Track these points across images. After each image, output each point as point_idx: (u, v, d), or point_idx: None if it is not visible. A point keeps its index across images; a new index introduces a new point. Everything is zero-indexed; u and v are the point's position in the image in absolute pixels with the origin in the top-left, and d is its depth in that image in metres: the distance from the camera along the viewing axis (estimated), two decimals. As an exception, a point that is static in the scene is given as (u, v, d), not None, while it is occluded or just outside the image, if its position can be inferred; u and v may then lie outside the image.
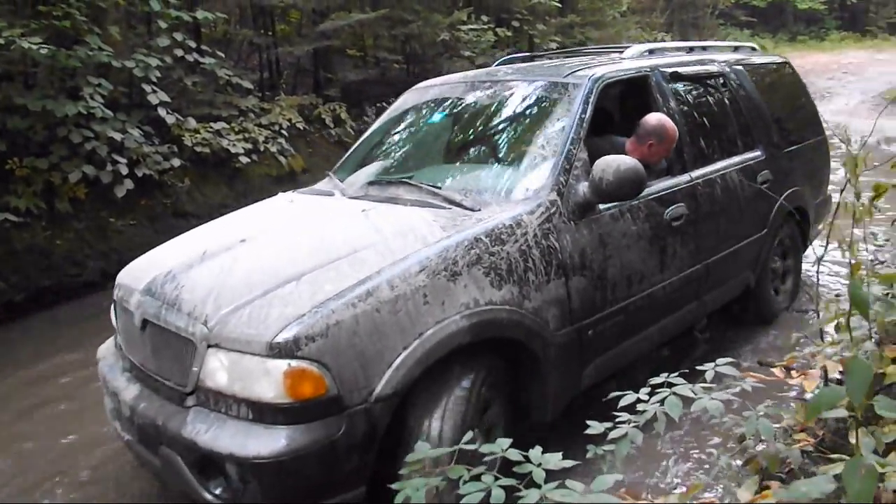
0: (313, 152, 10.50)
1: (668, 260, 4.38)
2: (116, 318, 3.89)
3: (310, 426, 2.90)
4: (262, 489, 2.90)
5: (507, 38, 14.94)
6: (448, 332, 3.15)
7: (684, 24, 25.03)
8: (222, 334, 3.02)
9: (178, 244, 4.14)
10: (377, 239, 3.47)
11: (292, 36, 11.58)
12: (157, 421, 3.20)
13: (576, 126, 4.02)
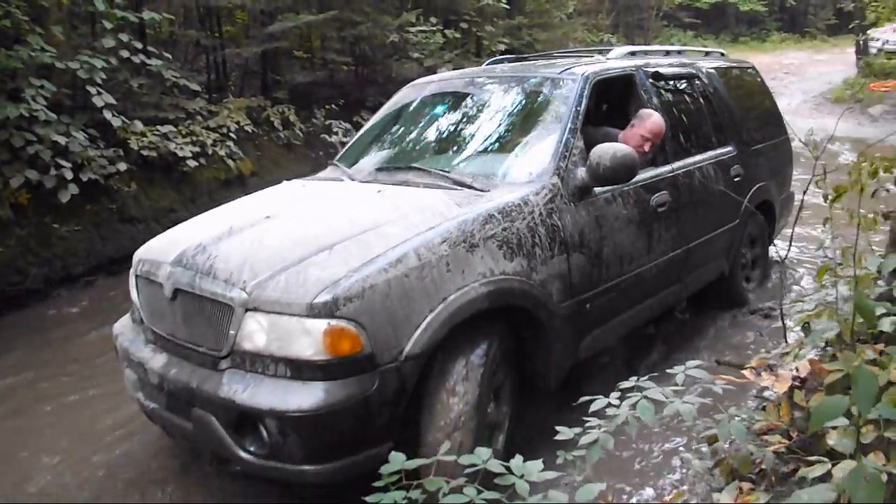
0: (262, 155, 10.46)
1: (654, 243, 4.85)
2: (138, 293, 4.08)
3: (346, 382, 3.16)
4: (300, 442, 3.15)
5: (455, 39, 15.01)
6: (468, 298, 3.49)
7: (629, 25, 25.38)
8: (261, 298, 3.27)
9: (198, 223, 4.39)
10: (398, 215, 3.80)
11: (240, 37, 11.51)
12: (191, 384, 3.45)
13: (572, 117, 4.47)
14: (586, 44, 20.92)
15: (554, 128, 4.47)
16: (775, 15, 39.94)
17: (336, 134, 11.60)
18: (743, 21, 38.98)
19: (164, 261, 3.82)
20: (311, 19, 11.16)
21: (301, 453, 3.19)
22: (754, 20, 39.13)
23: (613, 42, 22.79)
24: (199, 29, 10.65)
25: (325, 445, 3.21)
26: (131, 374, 3.95)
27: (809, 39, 36.91)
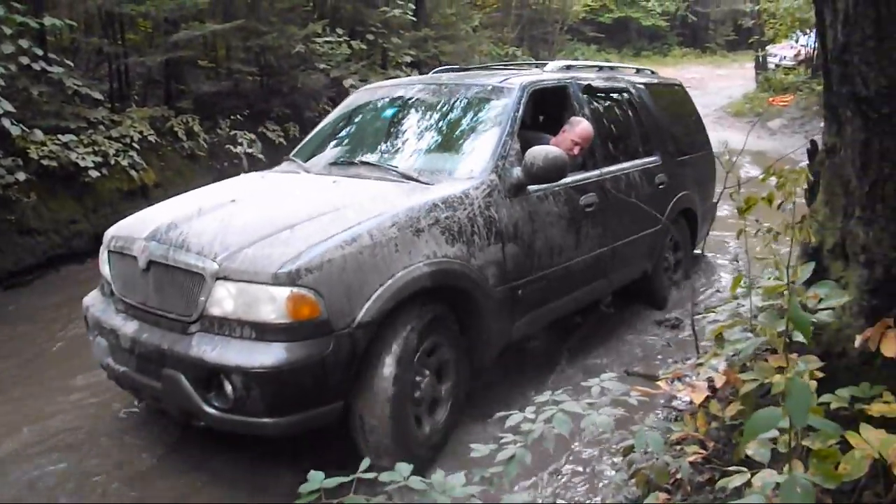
0: (166, 166, 10.33)
1: (582, 239, 5.43)
2: (110, 267, 4.57)
3: (305, 343, 3.66)
4: (262, 396, 3.62)
5: (361, 51, 15.07)
6: (413, 276, 4.02)
7: (534, 38, 25.78)
8: (230, 268, 3.78)
9: (165, 207, 4.92)
10: (352, 201, 4.35)
11: (143, 46, 11.34)
12: (162, 346, 3.92)
13: (510, 121, 5.06)
14: (492, 57, 21.20)
15: (494, 131, 5.03)
16: (677, 30, 41.28)
17: (241, 144, 11.52)
18: (645, 36, 40.11)
19: (138, 236, 4.30)
20: (216, 28, 11.10)
21: (263, 407, 3.64)
22: (656, 35, 40.32)
23: (518, 54, 23.17)
24: (101, 36, 10.45)
25: (284, 400, 3.68)
26: (102, 341, 4.37)
27: (710, 54, 38.24)
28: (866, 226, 2.78)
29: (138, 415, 5.06)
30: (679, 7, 39.69)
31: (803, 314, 2.20)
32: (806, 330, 2.22)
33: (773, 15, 20.79)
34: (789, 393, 1.99)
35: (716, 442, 2.90)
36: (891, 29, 2.65)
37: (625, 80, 6.86)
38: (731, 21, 38.34)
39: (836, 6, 2.74)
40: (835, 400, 2.39)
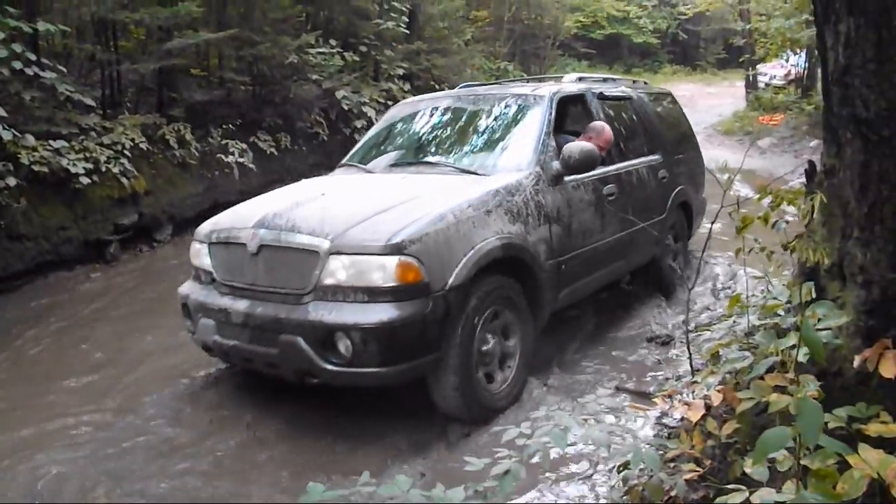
0: (157, 174, 10.31)
1: (606, 224, 6.30)
2: (211, 258, 5.21)
3: (410, 303, 4.40)
4: (377, 349, 4.32)
5: (354, 62, 15.11)
6: (489, 247, 4.86)
7: (526, 53, 25.89)
8: (343, 244, 4.50)
9: (251, 204, 5.64)
10: (427, 191, 5.22)
11: (136, 53, 11.32)
12: (279, 316, 4.58)
13: (546, 123, 6.00)
14: (483, 70, 21.29)
15: (533, 131, 5.96)
16: (667, 48, 41.54)
17: (232, 154, 11.50)
18: (636, 53, 40.34)
19: (245, 226, 4.97)
20: (209, 37, 11.09)
21: (377, 358, 4.35)
22: (647, 52, 40.55)
23: (510, 69, 23.27)
24: (94, 43, 10.43)
25: (394, 352, 4.39)
26: (208, 322, 5.04)
27: (700, 72, 38.45)
28: (864, 247, 2.80)
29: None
30: (670, 25, 39.92)
31: (815, 335, 2.22)
32: (818, 351, 2.24)
33: (764, 34, 20.94)
34: (800, 413, 2.02)
35: (711, 460, 2.91)
36: (891, 52, 2.68)
37: (628, 88, 7.94)
38: (722, 40, 38.49)
39: (838, 29, 2.77)
40: (833, 420, 2.41)
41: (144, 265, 9.46)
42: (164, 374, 5.98)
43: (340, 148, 14.41)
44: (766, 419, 2.74)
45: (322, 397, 5.26)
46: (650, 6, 39.45)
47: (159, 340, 6.72)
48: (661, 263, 7.46)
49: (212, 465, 4.58)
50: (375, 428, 4.92)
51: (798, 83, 22.93)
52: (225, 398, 5.52)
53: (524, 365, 5.26)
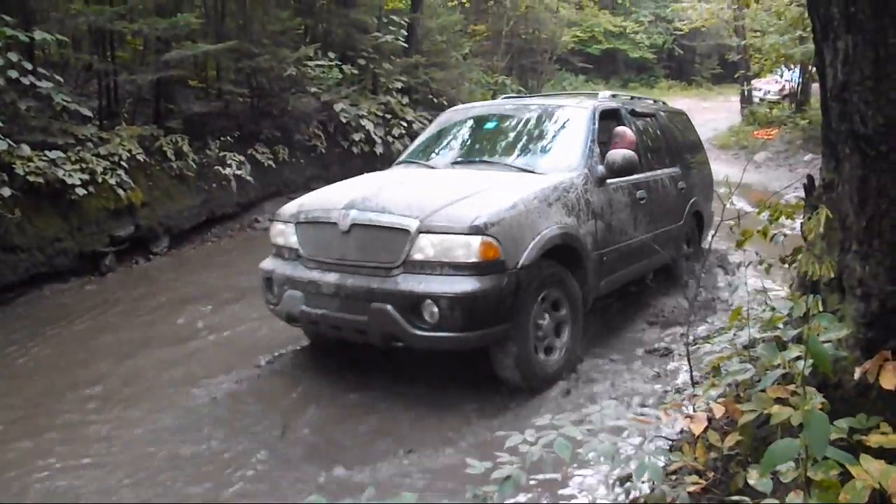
0: (153, 185, 10.32)
1: (637, 224, 7.09)
2: (298, 236, 5.83)
3: (489, 277, 5.12)
4: (461, 315, 5.01)
5: (352, 75, 15.18)
6: (551, 234, 5.63)
7: (524, 68, 26.00)
8: (432, 224, 5.20)
9: (336, 189, 6.36)
10: (496, 184, 5.91)
11: (134, 63, 11.37)
12: (371, 286, 5.23)
13: (592, 132, 6.78)
14: (481, 84, 21.36)
15: (581, 138, 6.71)
16: (663, 63, 41.76)
17: (230, 166, 11.53)
18: (632, 67, 40.54)
19: (335, 207, 5.60)
20: (207, 49, 11.14)
21: (460, 324, 5.03)
22: (643, 67, 40.76)
23: (508, 83, 23.36)
24: (91, 52, 10.47)
25: (474, 319, 5.06)
26: (296, 293, 5.64)
27: (696, 87, 38.64)
28: (863, 260, 2.84)
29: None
30: (666, 40, 40.12)
31: (822, 348, 2.25)
32: (825, 363, 2.27)
33: (759, 50, 21.10)
34: (808, 424, 2.06)
35: (714, 472, 2.93)
36: (889, 69, 2.73)
37: (653, 106, 8.84)
38: (717, 55, 38.68)
39: (837, 46, 2.82)
40: (834, 431, 2.43)
41: (140, 278, 9.44)
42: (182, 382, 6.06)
43: (338, 160, 14.51)
44: (767, 431, 2.77)
45: (384, 375, 6.00)
46: (646, 22, 39.68)
47: (162, 354, 6.72)
48: (675, 264, 8.02)
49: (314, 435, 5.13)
50: (446, 399, 5.54)
51: (792, 98, 23.06)
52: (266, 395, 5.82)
53: (573, 340, 5.96)
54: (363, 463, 4.64)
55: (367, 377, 5.95)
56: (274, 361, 6.44)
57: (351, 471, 4.55)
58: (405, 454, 4.74)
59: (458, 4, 23.31)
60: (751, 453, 2.80)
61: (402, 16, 17.69)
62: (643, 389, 5.58)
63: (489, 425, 5.05)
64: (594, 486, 4.25)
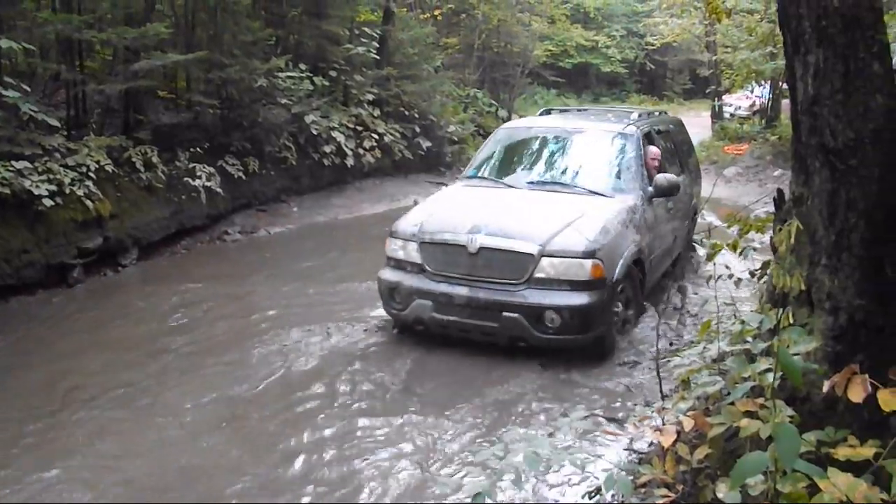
0: (122, 197, 10.22)
1: (669, 231, 8.39)
2: (422, 253, 6.87)
3: (596, 291, 6.40)
4: (578, 322, 6.34)
5: (323, 87, 15.16)
6: (630, 253, 6.89)
7: (496, 81, 26.06)
8: (552, 249, 6.44)
9: (447, 211, 7.35)
10: (584, 209, 6.99)
11: (102, 73, 11.28)
12: (501, 299, 6.45)
13: (641, 156, 8.00)
14: (453, 97, 21.39)
15: (634, 162, 7.90)
16: (635, 77, 42.04)
17: (199, 178, 11.45)
18: (604, 81, 40.77)
19: (461, 231, 6.71)
20: (177, 59, 11.07)
21: (577, 329, 6.38)
22: (615, 81, 41.02)
23: (479, 96, 23.43)
24: (59, 62, 10.36)
25: (587, 324, 6.41)
26: (424, 302, 6.73)
27: (667, 102, 38.86)
28: (832, 274, 2.86)
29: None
30: (638, 55, 40.40)
31: (792, 360, 2.26)
32: (796, 375, 2.28)
33: (730, 65, 21.26)
34: (778, 438, 2.06)
35: (683, 485, 2.93)
36: (858, 83, 2.76)
37: (666, 121, 10.28)
38: (689, 70, 39.08)
39: (808, 60, 2.85)
40: (803, 444, 2.44)
41: (108, 290, 9.35)
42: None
43: (309, 172, 14.48)
44: (736, 444, 2.78)
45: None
46: (618, 36, 39.93)
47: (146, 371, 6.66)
48: (683, 258, 9.48)
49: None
50: (514, 367, 6.54)
51: (762, 114, 23.27)
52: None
53: (635, 317, 7.31)
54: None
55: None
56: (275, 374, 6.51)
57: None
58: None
59: (430, 17, 23.28)
60: (720, 466, 2.81)
61: (374, 28, 17.69)
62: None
63: (551, 384, 6.24)
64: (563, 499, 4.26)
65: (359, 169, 15.48)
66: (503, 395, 5.99)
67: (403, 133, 16.93)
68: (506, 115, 24.51)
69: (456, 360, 6.68)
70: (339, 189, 15.35)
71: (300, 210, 14.04)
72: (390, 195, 15.85)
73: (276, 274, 9.77)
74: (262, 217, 13.18)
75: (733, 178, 18.14)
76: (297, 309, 8.16)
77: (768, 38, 16.98)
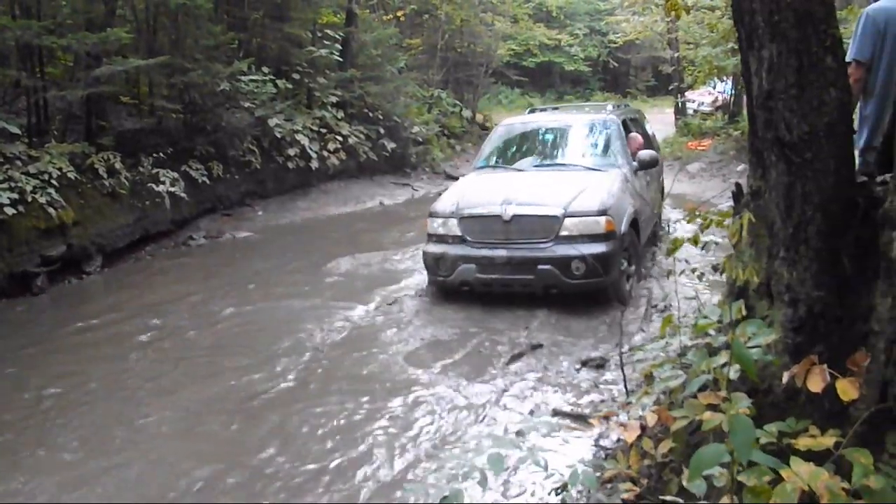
0: (85, 204, 10.13)
1: (649, 199, 9.54)
2: (462, 226, 7.98)
3: (611, 242, 7.47)
4: (600, 267, 7.31)
5: (287, 90, 15.11)
6: (630, 212, 8.03)
7: (459, 81, 26.11)
8: (573, 210, 7.54)
9: (478, 191, 8.48)
10: (587, 181, 8.16)
11: (63, 79, 11.16)
12: (535, 255, 7.55)
13: (622, 137, 9.36)
14: (417, 98, 21.38)
15: (619, 142, 9.26)
16: (598, 75, 42.30)
17: (163, 183, 11.39)
18: (568, 80, 40.98)
19: (494, 203, 7.86)
20: (139, 64, 11.01)
21: (598, 273, 7.36)
22: (579, 80, 41.24)
23: (444, 97, 23.45)
24: (19, 69, 10.22)
25: (606, 268, 7.41)
26: (469, 266, 7.79)
27: (630, 99, 39.06)
28: (790, 266, 2.89)
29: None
30: (601, 53, 40.65)
31: (747, 353, 2.28)
32: (750, 368, 2.30)
33: (692, 62, 21.44)
34: (733, 430, 2.08)
35: (648, 479, 2.95)
36: (812, 77, 2.79)
37: (632, 110, 11.88)
38: (651, 67, 39.37)
39: (762, 55, 2.87)
40: (764, 435, 2.47)
41: (72, 298, 9.25)
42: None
43: (273, 176, 14.42)
44: (700, 437, 2.80)
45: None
46: (581, 35, 40.11)
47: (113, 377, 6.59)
48: (657, 231, 10.80)
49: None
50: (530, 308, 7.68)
51: (725, 109, 23.51)
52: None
53: (636, 270, 8.45)
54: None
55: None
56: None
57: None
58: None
59: (393, 18, 23.26)
60: (684, 460, 2.82)
61: (337, 30, 17.67)
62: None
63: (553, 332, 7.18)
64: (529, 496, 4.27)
65: (323, 171, 15.45)
66: (472, 398, 5.96)
67: (368, 135, 16.92)
68: (470, 115, 24.58)
69: (419, 371, 6.58)
70: (304, 192, 15.33)
71: (265, 214, 13.99)
72: (355, 197, 15.83)
73: (239, 280, 9.69)
74: (227, 221, 13.13)
75: (697, 173, 18.27)
76: (263, 315, 8.12)
77: (729, 34, 17.08)
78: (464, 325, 7.45)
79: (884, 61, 4.41)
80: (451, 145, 22.23)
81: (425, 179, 18.65)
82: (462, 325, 7.45)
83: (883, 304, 2.71)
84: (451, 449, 2.53)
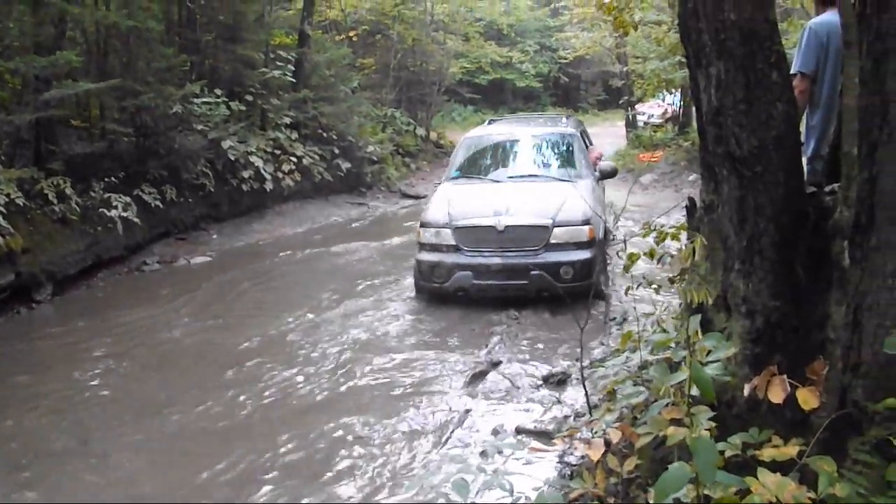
0: (35, 230, 9.93)
1: (603, 207, 10.10)
2: (456, 236, 8.58)
3: (591, 249, 8.39)
4: (585, 272, 8.19)
5: (240, 111, 15.03)
6: (601, 220, 8.82)
7: (413, 100, 26.16)
8: (560, 221, 8.41)
9: (468, 202, 9.11)
10: (565, 192, 8.87)
11: (11, 103, 10.97)
12: (527, 261, 8.25)
13: (584, 149, 10.47)
14: (371, 117, 21.37)
15: (582, 154, 10.27)
16: (550, 91, 42.62)
17: (115, 208, 11.20)
18: (520, 96, 41.21)
19: (487, 215, 8.59)
20: (90, 87, 10.84)
21: (584, 277, 8.06)
22: (531, 95, 41.49)
23: (397, 116, 23.47)
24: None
25: (589, 272, 8.13)
26: (467, 273, 8.39)
27: (582, 113, 39.37)
28: (745, 278, 2.92)
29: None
30: (552, 69, 40.94)
31: (704, 373, 2.30)
32: (708, 389, 2.31)
33: (641, 76, 21.71)
34: (696, 452, 2.09)
35: (615, 497, 2.95)
36: (759, 93, 2.83)
37: (579, 122, 13.16)
38: (602, 81, 39.72)
39: (710, 72, 2.91)
40: (729, 447, 2.48)
41: (21, 329, 9.06)
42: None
43: (228, 198, 14.28)
44: (665, 451, 2.80)
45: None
46: (532, 51, 40.36)
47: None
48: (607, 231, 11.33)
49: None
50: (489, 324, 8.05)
51: (675, 121, 23.81)
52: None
53: (603, 272, 8.92)
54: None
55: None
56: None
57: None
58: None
59: (345, 38, 23.24)
60: (650, 476, 2.83)
61: (290, 51, 17.62)
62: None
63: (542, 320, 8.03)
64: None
65: (278, 193, 15.35)
66: (429, 421, 5.91)
67: (322, 155, 16.85)
68: (424, 133, 24.59)
69: (384, 396, 6.53)
70: (260, 214, 15.19)
71: (220, 237, 13.83)
72: (311, 217, 15.76)
73: (194, 305, 9.58)
74: (182, 245, 12.95)
75: (650, 184, 18.46)
76: (216, 338, 8.05)
77: (676, 47, 17.33)
78: (419, 347, 7.47)
79: (828, 73, 4.50)
80: (406, 164, 22.21)
81: (381, 198, 18.59)
82: (418, 347, 7.45)
83: (837, 312, 2.76)
84: (413, 474, 2.50)
